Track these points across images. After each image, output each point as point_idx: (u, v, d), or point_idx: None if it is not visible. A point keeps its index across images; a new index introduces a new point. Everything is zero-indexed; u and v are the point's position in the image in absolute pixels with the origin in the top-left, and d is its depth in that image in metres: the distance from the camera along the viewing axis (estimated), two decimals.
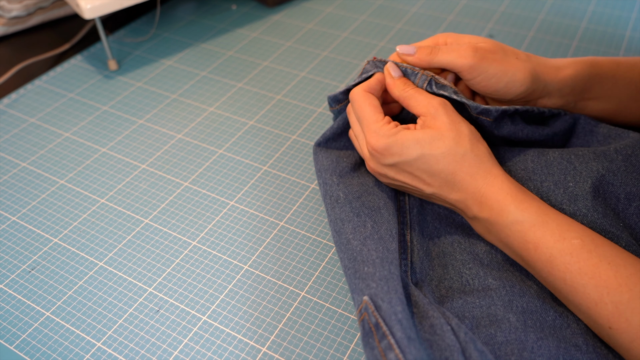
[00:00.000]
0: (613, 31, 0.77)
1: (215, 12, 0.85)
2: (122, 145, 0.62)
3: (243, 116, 0.65)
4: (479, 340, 0.37)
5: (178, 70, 0.73)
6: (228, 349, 0.43)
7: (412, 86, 0.45)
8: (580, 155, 0.44)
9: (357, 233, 0.42)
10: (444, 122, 0.42)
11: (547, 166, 0.44)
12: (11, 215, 0.54)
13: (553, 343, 0.37)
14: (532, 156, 0.45)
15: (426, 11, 0.84)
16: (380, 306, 0.36)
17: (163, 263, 0.49)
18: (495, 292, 0.41)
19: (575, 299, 0.38)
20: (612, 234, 0.41)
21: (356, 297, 0.39)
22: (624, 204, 0.42)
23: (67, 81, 0.72)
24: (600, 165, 0.43)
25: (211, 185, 0.57)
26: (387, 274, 0.38)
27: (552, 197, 0.43)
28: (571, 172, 0.43)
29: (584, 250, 0.37)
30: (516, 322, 0.38)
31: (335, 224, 0.45)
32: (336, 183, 0.47)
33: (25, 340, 0.44)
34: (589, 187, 0.42)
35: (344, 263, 0.42)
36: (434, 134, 0.42)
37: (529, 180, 0.44)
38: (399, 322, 0.35)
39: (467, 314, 0.40)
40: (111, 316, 0.45)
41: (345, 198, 0.45)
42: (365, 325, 0.37)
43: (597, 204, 0.42)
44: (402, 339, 0.34)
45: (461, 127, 0.43)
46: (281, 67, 0.73)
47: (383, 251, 0.40)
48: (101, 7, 0.65)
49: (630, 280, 0.36)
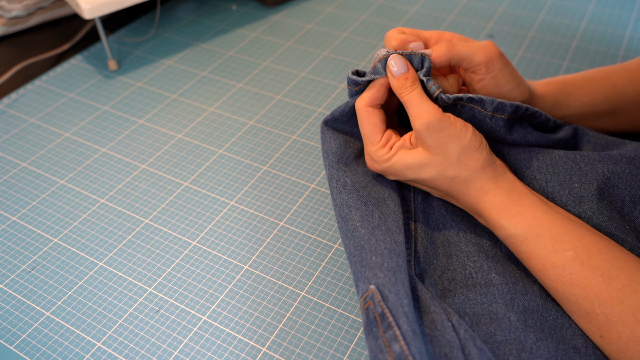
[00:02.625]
0: (613, 31, 0.77)
1: (215, 12, 0.85)
2: (122, 145, 0.62)
3: (243, 116, 0.65)
4: (479, 338, 0.37)
5: (178, 70, 0.73)
6: (228, 349, 0.43)
7: (413, 88, 0.42)
8: (585, 156, 0.44)
9: (364, 221, 0.42)
10: (429, 147, 0.42)
11: (553, 165, 0.44)
12: (11, 215, 0.54)
13: (552, 344, 0.37)
14: (537, 154, 0.45)
15: (426, 11, 0.84)
16: (387, 297, 0.36)
17: (163, 263, 0.49)
18: (498, 288, 0.41)
19: (567, 307, 0.39)
20: (617, 237, 0.41)
21: (361, 284, 0.38)
22: (629, 206, 0.42)
23: (67, 81, 0.72)
24: (606, 168, 0.43)
25: (211, 185, 0.57)
26: (394, 265, 0.38)
27: (557, 198, 0.43)
28: (577, 173, 0.43)
29: (576, 263, 0.38)
30: (516, 321, 0.38)
31: (341, 209, 0.44)
32: (343, 170, 0.46)
33: (25, 340, 0.44)
34: (595, 189, 0.42)
35: (349, 250, 0.41)
36: (422, 159, 0.42)
37: (534, 179, 0.44)
38: (405, 315, 0.35)
39: (468, 310, 0.40)
40: (111, 316, 0.45)
41: (352, 186, 0.45)
42: (369, 313, 0.36)
43: (602, 206, 0.42)
44: (408, 332, 0.34)
45: (449, 149, 0.41)
46: (281, 67, 0.73)
47: (391, 243, 0.40)
48: (101, 7, 0.65)
49: (622, 293, 0.36)
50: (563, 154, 0.44)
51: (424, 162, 0.42)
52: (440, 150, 0.41)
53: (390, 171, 0.44)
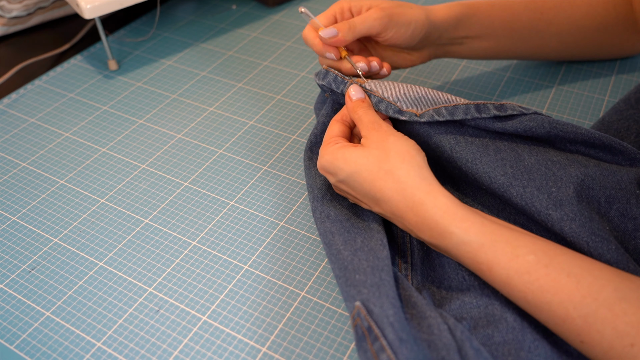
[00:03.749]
0: None
1: (215, 12, 0.85)
2: (122, 145, 0.62)
3: (243, 116, 0.65)
4: (476, 339, 0.37)
5: (178, 70, 0.73)
6: (228, 349, 0.43)
7: (361, 108, 0.47)
8: (556, 162, 0.44)
9: (347, 245, 0.43)
10: (372, 141, 0.43)
11: (527, 172, 0.43)
12: (11, 215, 0.54)
13: (548, 345, 0.38)
14: (510, 161, 0.44)
15: None
16: (372, 310, 0.37)
17: (163, 263, 0.49)
18: (493, 291, 0.41)
19: (541, 316, 0.37)
20: (601, 237, 0.40)
21: (349, 304, 0.39)
22: (605, 207, 0.42)
23: (67, 81, 0.72)
24: (578, 171, 0.43)
25: (211, 185, 0.57)
26: (378, 280, 0.39)
27: (537, 203, 0.42)
28: (552, 178, 0.43)
29: (540, 266, 0.36)
30: (513, 322, 0.38)
31: (325, 236, 0.45)
32: (327, 204, 0.47)
33: (25, 340, 0.44)
34: (572, 192, 0.42)
35: (335, 273, 0.42)
36: (361, 152, 0.43)
37: (510, 186, 0.43)
38: (390, 325, 0.36)
39: (465, 314, 0.40)
40: (111, 316, 0.45)
41: (336, 217, 0.46)
42: (358, 330, 0.37)
43: (582, 208, 0.42)
44: (394, 340, 0.35)
45: (388, 145, 0.42)
46: (281, 67, 0.73)
47: (374, 260, 0.41)
48: (101, 7, 0.65)
49: (592, 289, 0.35)
50: (535, 161, 0.44)
51: (362, 153, 0.43)
52: (380, 144, 0.43)
53: (331, 168, 0.44)
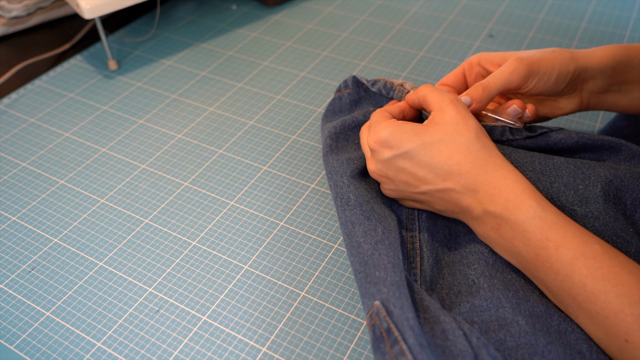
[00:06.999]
0: (613, 31, 0.77)
1: (215, 12, 0.85)
2: (122, 145, 0.62)
3: (243, 116, 0.65)
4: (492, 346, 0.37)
5: (178, 70, 0.73)
6: (228, 349, 0.43)
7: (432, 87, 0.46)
8: (585, 162, 0.44)
9: (368, 237, 0.42)
10: (451, 115, 0.42)
11: (556, 169, 0.43)
12: (11, 215, 0.54)
13: (561, 348, 0.37)
14: (539, 158, 0.45)
15: (426, 11, 0.84)
16: (392, 311, 0.36)
17: (163, 263, 0.49)
18: (503, 293, 0.40)
19: (592, 307, 0.35)
20: (623, 239, 0.40)
21: (367, 301, 0.39)
22: (631, 210, 0.42)
23: (67, 81, 0.72)
24: (607, 172, 0.43)
25: (211, 185, 0.57)
26: (398, 279, 0.38)
27: (562, 198, 0.42)
28: (580, 176, 0.43)
29: (606, 257, 0.36)
30: (525, 325, 0.37)
31: (345, 226, 0.44)
32: (346, 184, 0.47)
33: (25, 340, 0.44)
34: (599, 191, 0.42)
35: (355, 267, 0.42)
36: (435, 125, 0.42)
37: (537, 181, 0.43)
38: (411, 329, 0.35)
39: (476, 318, 0.39)
40: (111, 316, 0.45)
41: (355, 200, 0.45)
42: (376, 330, 0.36)
43: (608, 207, 0.41)
44: (415, 345, 0.34)
45: (469, 121, 0.42)
46: (281, 67, 0.73)
47: (394, 257, 0.40)
48: (101, 7, 0.65)
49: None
50: (564, 160, 0.44)
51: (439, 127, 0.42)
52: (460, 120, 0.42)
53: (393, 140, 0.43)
